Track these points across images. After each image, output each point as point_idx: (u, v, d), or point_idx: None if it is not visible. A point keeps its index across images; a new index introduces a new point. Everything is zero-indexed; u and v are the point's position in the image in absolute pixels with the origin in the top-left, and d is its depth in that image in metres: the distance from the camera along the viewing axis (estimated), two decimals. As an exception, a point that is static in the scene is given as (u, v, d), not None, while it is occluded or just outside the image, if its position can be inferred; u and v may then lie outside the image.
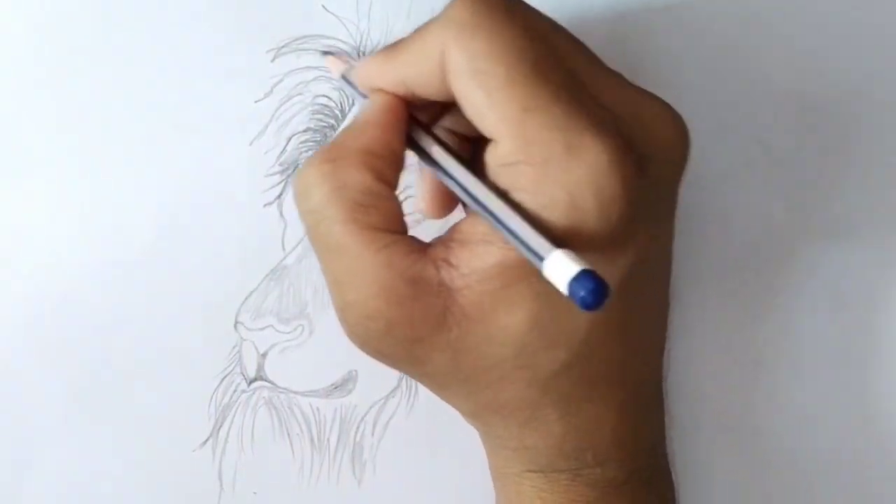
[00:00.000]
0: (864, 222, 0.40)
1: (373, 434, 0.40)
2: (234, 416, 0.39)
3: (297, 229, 0.39)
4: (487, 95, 0.31)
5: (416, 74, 0.32)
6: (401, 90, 0.33)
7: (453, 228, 0.33)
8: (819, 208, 0.40)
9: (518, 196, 0.31)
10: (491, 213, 0.31)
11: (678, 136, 0.34)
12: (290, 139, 0.39)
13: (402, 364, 0.34)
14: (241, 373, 0.39)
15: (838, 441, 0.40)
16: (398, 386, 0.40)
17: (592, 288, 0.28)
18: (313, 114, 0.39)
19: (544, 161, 0.30)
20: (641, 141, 0.32)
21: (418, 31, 0.32)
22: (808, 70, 0.40)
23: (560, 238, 0.30)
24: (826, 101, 0.40)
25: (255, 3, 0.39)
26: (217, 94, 0.39)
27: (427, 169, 0.34)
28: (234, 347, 0.39)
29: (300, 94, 0.39)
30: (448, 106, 0.34)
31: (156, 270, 0.39)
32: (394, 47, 0.33)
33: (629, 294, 0.33)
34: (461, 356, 0.33)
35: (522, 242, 0.30)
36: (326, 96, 0.39)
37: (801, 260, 0.40)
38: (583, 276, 0.28)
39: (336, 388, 0.40)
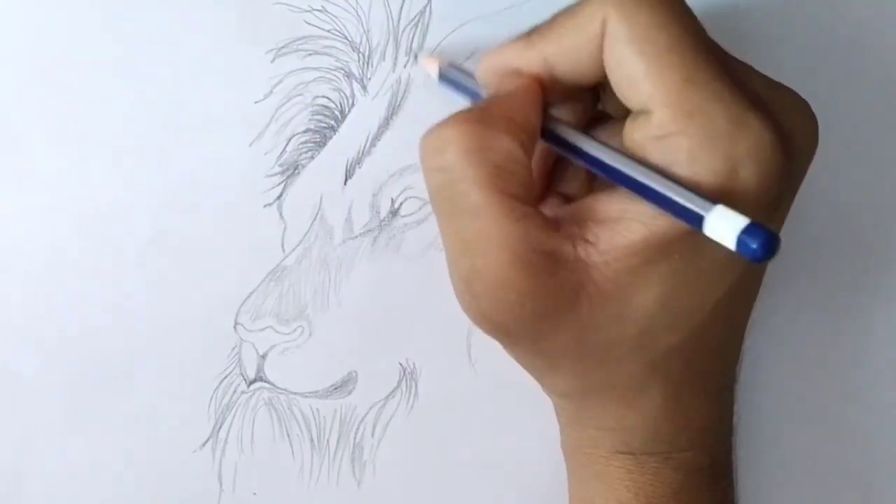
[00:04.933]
0: None
1: (373, 435, 0.40)
2: (233, 417, 0.39)
3: (296, 230, 0.39)
4: (647, 63, 0.30)
5: (566, 49, 0.32)
6: (540, 70, 0.33)
7: (580, 209, 0.33)
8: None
9: (673, 169, 0.30)
10: (636, 182, 0.31)
11: (813, 127, 0.34)
12: (289, 140, 0.39)
13: (522, 340, 0.33)
14: (241, 374, 0.39)
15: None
16: (398, 387, 0.40)
17: (764, 240, 0.28)
18: (313, 115, 0.39)
19: (706, 133, 0.30)
20: (787, 127, 0.32)
21: (568, 10, 0.32)
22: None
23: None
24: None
25: (255, 3, 0.39)
26: (217, 95, 0.39)
27: (557, 151, 0.34)
28: (233, 348, 0.39)
29: (300, 94, 0.39)
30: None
31: (155, 271, 0.39)
32: (536, 30, 0.33)
33: (746, 278, 0.33)
34: (587, 334, 0.32)
35: (675, 204, 0.30)
36: (326, 97, 0.39)
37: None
38: (752, 227, 0.28)
39: (336, 388, 0.40)
